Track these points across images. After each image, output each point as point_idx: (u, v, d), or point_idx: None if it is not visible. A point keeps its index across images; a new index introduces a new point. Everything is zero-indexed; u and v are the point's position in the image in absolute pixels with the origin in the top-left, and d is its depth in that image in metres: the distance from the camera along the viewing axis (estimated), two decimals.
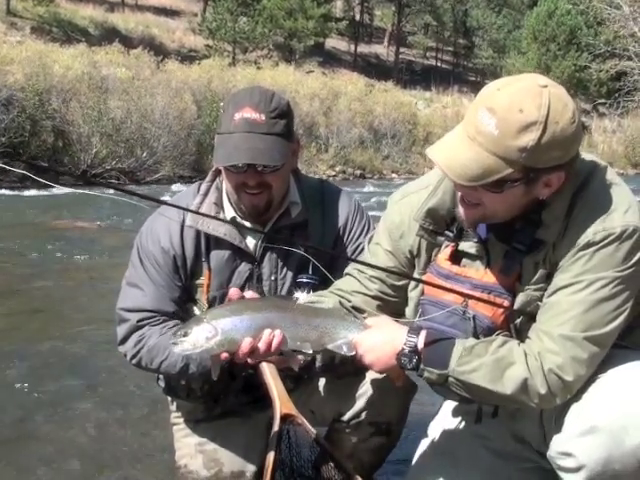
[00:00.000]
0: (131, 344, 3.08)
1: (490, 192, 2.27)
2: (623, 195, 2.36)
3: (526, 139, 2.16)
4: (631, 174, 42.53)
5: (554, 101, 2.19)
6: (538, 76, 2.28)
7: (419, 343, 2.38)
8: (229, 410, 3.29)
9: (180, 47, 48.45)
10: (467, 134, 2.25)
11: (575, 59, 58.74)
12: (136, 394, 4.65)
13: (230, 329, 2.42)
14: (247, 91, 3.04)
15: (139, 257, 3.13)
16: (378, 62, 63.50)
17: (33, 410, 4.41)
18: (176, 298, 3.10)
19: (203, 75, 31.17)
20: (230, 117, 2.93)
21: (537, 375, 2.28)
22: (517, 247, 2.38)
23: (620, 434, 2.25)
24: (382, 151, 35.85)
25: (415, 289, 2.64)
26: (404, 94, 44.68)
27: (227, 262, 3.09)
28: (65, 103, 23.95)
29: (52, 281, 8.27)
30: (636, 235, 2.27)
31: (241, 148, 2.88)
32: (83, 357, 5.50)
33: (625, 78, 30.26)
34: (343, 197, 3.26)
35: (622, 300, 2.29)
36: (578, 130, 2.23)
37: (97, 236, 11.48)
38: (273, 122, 2.93)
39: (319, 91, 35.36)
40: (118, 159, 24.47)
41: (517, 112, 2.16)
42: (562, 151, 2.21)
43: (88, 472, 3.61)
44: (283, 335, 2.43)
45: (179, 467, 3.41)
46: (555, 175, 2.26)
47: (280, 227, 3.11)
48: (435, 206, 2.53)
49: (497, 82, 2.29)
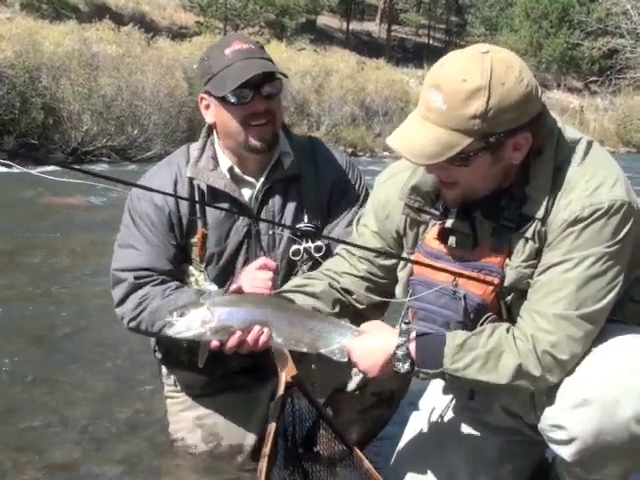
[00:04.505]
0: (131, 306, 3.06)
1: (458, 167, 2.29)
2: (610, 169, 2.36)
3: (474, 106, 2.18)
4: (622, 152, 42.52)
5: (496, 64, 2.20)
6: (481, 45, 2.30)
7: (410, 346, 2.39)
8: (230, 384, 3.29)
9: (171, 24, 48.11)
10: (420, 115, 2.28)
11: (567, 37, 58.69)
12: (131, 366, 4.67)
13: (226, 318, 2.46)
14: (225, 36, 3.14)
15: (132, 218, 3.12)
16: (370, 40, 63.23)
17: (26, 383, 4.44)
18: (172, 257, 3.09)
19: (194, 52, 30.93)
20: (221, 55, 2.99)
21: (529, 358, 2.30)
22: (505, 224, 2.38)
23: (612, 407, 2.27)
24: (374, 129, 35.69)
25: (404, 269, 2.64)
26: (396, 72, 44.47)
27: (225, 218, 3.09)
28: (55, 80, 23.73)
29: (42, 258, 8.25)
30: (624, 209, 2.27)
31: (247, 68, 2.94)
32: (75, 330, 5.54)
33: (617, 56, 30.23)
34: (334, 151, 3.29)
35: (613, 275, 2.30)
36: (530, 88, 2.23)
37: (88, 213, 11.42)
38: (263, 51, 3.05)
39: (311, 69, 35.16)
40: (109, 137, 24.30)
41: (461, 82, 2.19)
42: (516, 112, 2.22)
43: (82, 445, 3.62)
44: (271, 333, 2.48)
45: (175, 440, 3.42)
46: (521, 137, 2.27)
47: (274, 180, 3.11)
48: (419, 183, 2.54)
49: (442, 59, 2.31)
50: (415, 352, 2.38)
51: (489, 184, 2.37)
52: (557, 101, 51.78)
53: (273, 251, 3.15)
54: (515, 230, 2.38)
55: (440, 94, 2.21)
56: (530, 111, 2.26)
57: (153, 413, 3.83)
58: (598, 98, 51.31)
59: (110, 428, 3.81)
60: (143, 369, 4.43)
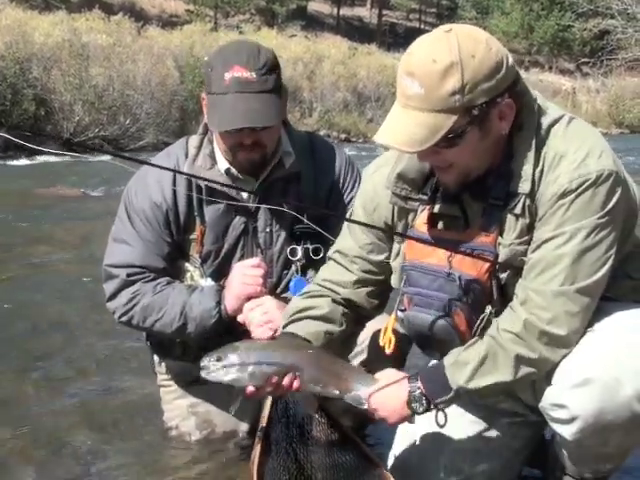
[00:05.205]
0: (122, 301, 3.08)
1: (450, 149, 2.29)
2: (594, 140, 2.36)
3: (451, 83, 2.19)
4: (615, 133, 42.56)
5: (462, 39, 2.23)
6: (443, 26, 2.33)
7: (420, 385, 2.43)
8: None
9: (161, 12, 47.98)
10: (401, 106, 2.29)
11: (558, 19, 58.58)
12: (125, 354, 4.67)
13: (263, 363, 2.48)
14: (234, 48, 3.03)
15: (127, 213, 3.12)
16: (361, 25, 63.10)
17: (17, 371, 4.44)
18: (165, 254, 3.10)
19: (185, 41, 30.89)
20: (220, 77, 2.92)
21: (523, 344, 2.31)
22: (494, 203, 2.39)
23: (613, 385, 2.28)
24: (366, 114, 35.69)
25: (397, 258, 2.64)
26: (388, 57, 44.29)
27: (222, 215, 3.09)
28: (46, 71, 23.69)
29: (35, 248, 8.26)
30: (612, 178, 2.28)
31: (237, 110, 2.88)
32: (68, 320, 5.52)
33: (608, 37, 30.13)
34: (333, 149, 3.28)
35: (607, 246, 2.30)
36: (501, 56, 2.26)
37: (80, 203, 11.43)
38: (264, 79, 2.93)
39: (302, 55, 35.14)
40: (101, 127, 24.27)
41: (431, 63, 2.20)
42: (493, 79, 2.23)
43: (75, 433, 3.62)
44: (302, 378, 2.50)
45: (170, 428, 3.43)
46: (503, 105, 2.28)
47: (274, 179, 3.11)
48: (404, 170, 2.53)
49: (409, 48, 2.32)
50: (424, 388, 2.42)
51: (483, 161, 2.38)
52: (550, 83, 51.74)
53: (270, 249, 3.15)
54: (504, 208, 2.38)
55: (415, 80, 2.22)
56: (506, 77, 2.27)
57: (147, 401, 3.83)
58: (590, 80, 51.23)
59: (104, 416, 3.81)
60: (136, 357, 4.43)
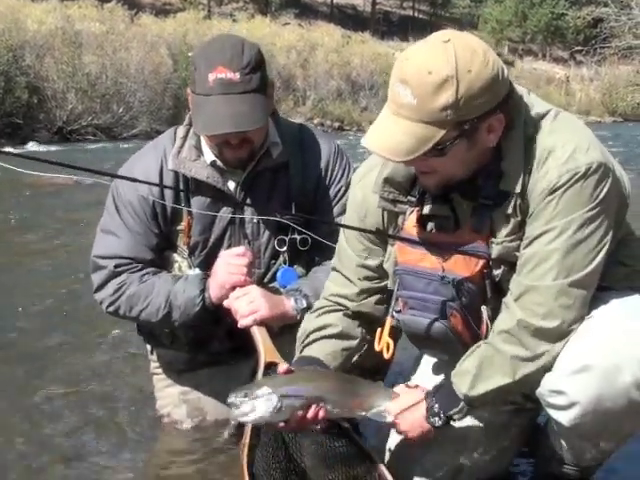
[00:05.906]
0: (109, 291, 3.09)
1: (436, 158, 2.29)
2: (581, 133, 2.37)
3: (444, 97, 2.17)
4: (608, 122, 42.62)
5: (460, 51, 2.19)
6: (441, 33, 2.30)
7: (436, 400, 2.47)
8: (212, 359, 3.31)
9: (154, 0, 47.75)
10: (392, 112, 2.28)
11: (552, 6, 58.56)
12: (118, 342, 4.66)
13: (290, 397, 2.48)
14: (217, 46, 2.96)
15: (115, 205, 3.12)
16: (355, 13, 62.90)
17: (9, 360, 4.44)
18: (153, 245, 3.11)
19: (178, 29, 30.82)
20: (204, 78, 2.87)
21: (517, 343, 2.33)
22: (484, 202, 2.39)
23: (612, 372, 2.29)
24: (360, 103, 35.66)
25: (388, 261, 2.65)
26: (381, 45, 44.34)
27: (209, 207, 3.09)
28: (39, 59, 23.64)
29: (27, 236, 8.28)
30: (601, 170, 2.28)
31: (222, 114, 2.84)
32: (58, 311, 5.49)
33: (602, 25, 30.04)
34: (322, 139, 3.26)
35: (599, 238, 2.30)
36: (497, 70, 2.23)
37: (73, 192, 11.38)
38: (248, 78, 2.88)
39: (296, 43, 35.10)
40: (94, 115, 24.22)
41: (427, 75, 2.17)
42: (487, 95, 2.22)
43: (69, 421, 3.63)
44: (327, 407, 2.51)
45: (162, 416, 3.45)
46: (493, 119, 2.27)
47: (261, 169, 3.11)
48: (391, 174, 2.53)
49: (405, 52, 2.30)
50: (438, 402, 2.46)
51: (467, 169, 2.38)
52: (543, 72, 51.83)
53: (257, 239, 3.15)
54: (494, 207, 2.38)
55: (408, 89, 2.20)
56: (500, 92, 2.26)
57: (141, 389, 3.84)
58: (584, 68, 51.23)
59: (97, 404, 3.81)
60: (130, 344, 4.45)
